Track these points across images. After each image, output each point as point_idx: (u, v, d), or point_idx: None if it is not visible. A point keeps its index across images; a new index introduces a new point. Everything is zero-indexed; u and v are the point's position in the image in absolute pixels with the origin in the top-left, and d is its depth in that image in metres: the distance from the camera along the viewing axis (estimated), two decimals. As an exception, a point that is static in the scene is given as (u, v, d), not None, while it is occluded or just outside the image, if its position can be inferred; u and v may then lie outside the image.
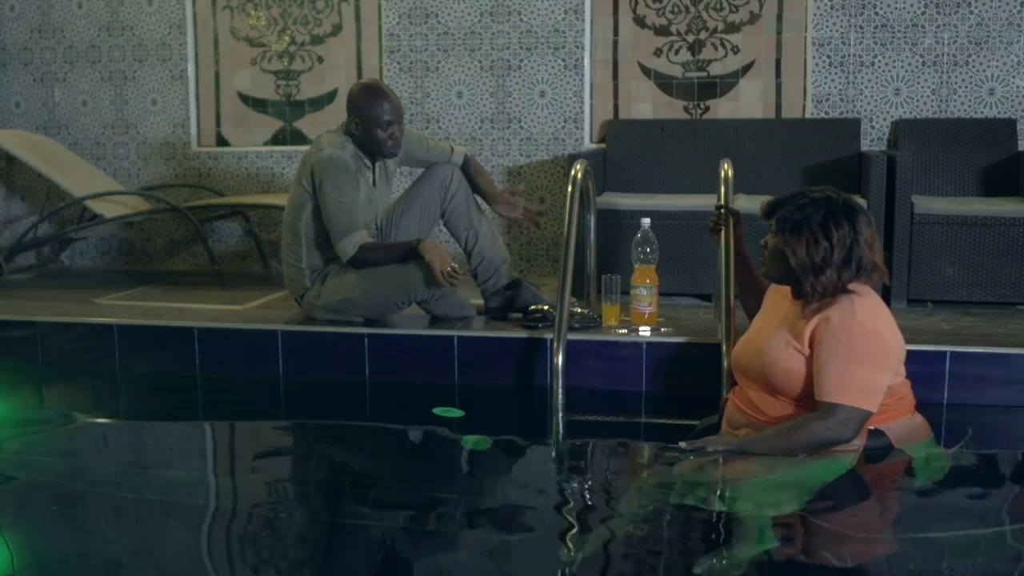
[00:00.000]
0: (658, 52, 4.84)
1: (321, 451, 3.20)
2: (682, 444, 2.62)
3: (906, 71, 4.63)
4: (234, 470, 3.05)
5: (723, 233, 3.18)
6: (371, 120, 3.59)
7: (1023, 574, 2.13)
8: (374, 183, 3.74)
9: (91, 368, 3.81)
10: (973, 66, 4.58)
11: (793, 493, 2.48)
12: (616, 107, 4.90)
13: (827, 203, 2.61)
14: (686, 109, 4.85)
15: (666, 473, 2.64)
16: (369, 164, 3.71)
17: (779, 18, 4.72)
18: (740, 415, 2.74)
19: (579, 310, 3.63)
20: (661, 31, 4.83)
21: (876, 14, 4.63)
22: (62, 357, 3.86)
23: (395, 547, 2.36)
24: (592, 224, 3.90)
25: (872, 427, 2.59)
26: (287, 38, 5.19)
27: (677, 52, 4.83)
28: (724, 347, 3.17)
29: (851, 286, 2.59)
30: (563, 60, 4.90)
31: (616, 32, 4.86)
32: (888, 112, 4.67)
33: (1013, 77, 4.55)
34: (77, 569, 2.27)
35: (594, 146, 4.92)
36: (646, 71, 4.86)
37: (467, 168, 3.85)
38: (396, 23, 5.04)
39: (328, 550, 2.28)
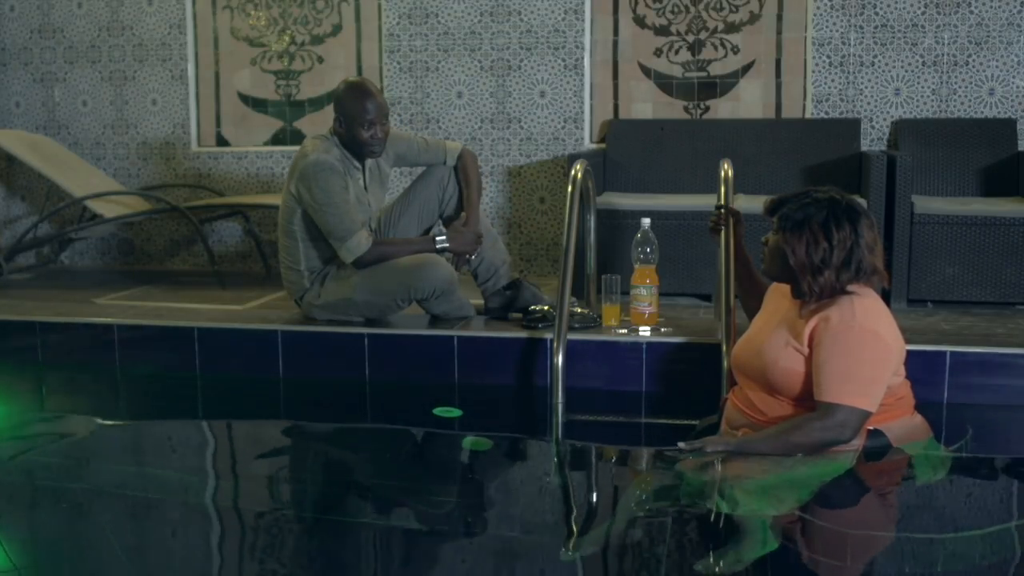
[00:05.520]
0: (658, 52, 4.84)
1: (321, 451, 3.20)
2: (682, 444, 2.62)
3: (906, 71, 4.63)
4: (234, 470, 3.05)
5: (723, 233, 3.18)
6: (353, 118, 3.57)
7: (1021, 574, 2.13)
8: (365, 185, 3.72)
9: (91, 368, 3.81)
10: (973, 66, 4.58)
11: (793, 493, 2.48)
12: (616, 107, 4.90)
13: (830, 204, 2.61)
14: (686, 109, 4.85)
15: (666, 473, 2.64)
16: (358, 165, 3.69)
17: (779, 18, 4.72)
18: (739, 415, 2.74)
19: (579, 310, 3.63)
20: (661, 31, 4.83)
21: (876, 14, 4.63)
22: (62, 357, 3.86)
23: (395, 547, 2.36)
24: (592, 224, 3.90)
25: (871, 427, 2.59)
26: (287, 38, 5.19)
27: (677, 52, 4.83)
28: (724, 347, 3.16)
29: (851, 287, 2.59)
30: (563, 60, 4.90)
31: (616, 32, 4.86)
32: (888, 112, 4.67)
33: (1013, 77, 4.55)
34: (77, 569, 2.27)
35: (594, 146, 4.92)
36: (646, 71, 4.86)
37: (460, 165, 3.83)
38: (396, 23, 5.04)
39: (328, 550, 2.28)
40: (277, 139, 5.26)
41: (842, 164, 4.51)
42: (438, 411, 3.27)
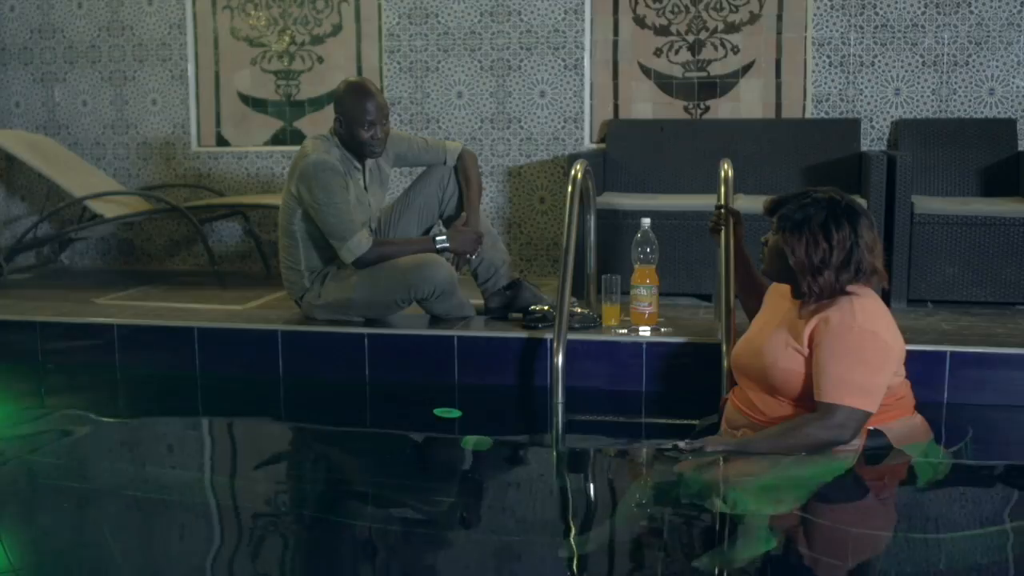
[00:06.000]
0: (658, 52, 4.84)
1: (321, 452, 3.20)
2: (682, 444, 2.62)
3: (906, 71, 4.63)
4: (234, 470, 3.05)
5: (723, 233, 3.18)
6: (353, 119, 3.57)
7: (1021, 574, 2.13)
8: (365, 185, 3.72)
9: (91, 368, 3.81)
10: (973, 66, 4.58)
11: (793, 493, 2.48)
12: (616, 107, 4.90)
13: (829, 204, 2.61)
14: (686, 109, 4.85)
15: (666, 473, 2.64)
16: (359, 165, 3.69)
17: (779, 18, 4.72)
18: (739, 415, 2.74)
19: (579, 310, 3.63)
20: (661, 31, 4.83)
21: (876, 14, 4.63)
22: (62, 357, 3.86)
23: (396, 547, 2.36)
24: (592, 224, 3.90)
25: (872, 427, 2.59)
26: (287, 38, 5.19)
27: (677, 52, 4.83)
28: (724, 347, 3.16)
29: (851, 287, 2.59)
30: (563, 60, 4.90)
31: (616, 32, 4.86)
32: (888, 112, 4.67)
33: (1013, 77, 4.55)
34: (77, 569, 2.27)
35: (594, 146, 4.92)
36: (646, 71, 4.86)
37: (460, 165, 3.83)
38: (396, 23, 5.04)
39: (328, 550, 2.28)
40: (277, 139, 5.26)
41: (842, 164, 4.51)
42: (438, 412, 3.27)
